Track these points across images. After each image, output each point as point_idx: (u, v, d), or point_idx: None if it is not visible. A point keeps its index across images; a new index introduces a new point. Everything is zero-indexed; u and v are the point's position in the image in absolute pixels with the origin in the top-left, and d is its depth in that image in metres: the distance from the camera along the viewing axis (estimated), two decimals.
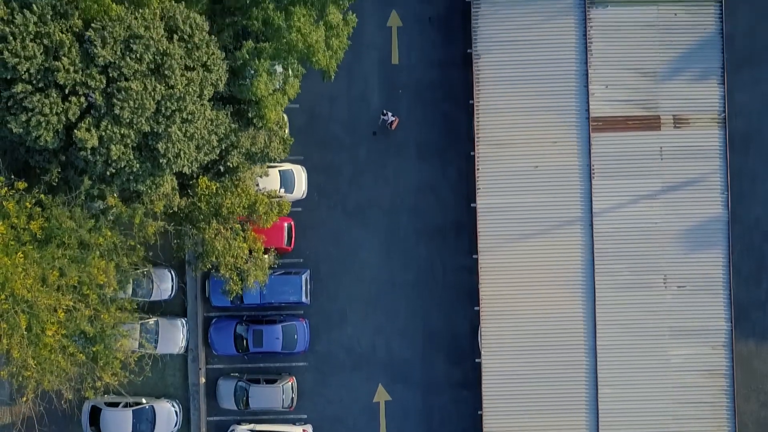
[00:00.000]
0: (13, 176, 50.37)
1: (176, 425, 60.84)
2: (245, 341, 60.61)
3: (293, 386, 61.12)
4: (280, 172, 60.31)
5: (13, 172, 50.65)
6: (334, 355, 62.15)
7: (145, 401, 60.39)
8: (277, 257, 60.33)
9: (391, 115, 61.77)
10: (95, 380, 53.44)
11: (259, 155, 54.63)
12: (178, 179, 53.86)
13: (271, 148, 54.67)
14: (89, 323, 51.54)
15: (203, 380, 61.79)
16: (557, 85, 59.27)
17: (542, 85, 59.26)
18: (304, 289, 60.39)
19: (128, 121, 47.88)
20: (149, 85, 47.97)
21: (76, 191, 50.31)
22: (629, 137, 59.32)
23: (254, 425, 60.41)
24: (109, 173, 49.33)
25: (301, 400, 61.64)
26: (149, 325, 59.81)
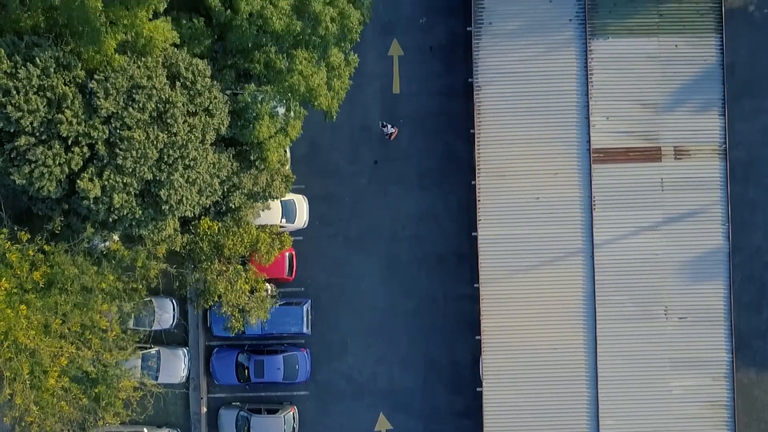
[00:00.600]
0: (15, 227, 50.31)
1: None
2: (247, 371, 60.64)
3: (294, 416, 61.16)
4: (281, 202, 60.09)
5: (15, 218, 50.60)
6: (335, 384, 62.15)
7: (146, 431, 60.40)
8: (277, 287, 60.30)
9: (390, 126, 61.60)
10: (97, 420, 53.52)
11: (261, 194, 54.54)
12: (179, 218, 53.70)
13: (273, 187, 54.63)
14: (91, 364, 51.59)
15: (205, 409, 61.82)
16: (558, 116, 59.11)
17: (543, 116, 59.09)
18: (305, 320, 60.42)
19: (131, 170, 47.77)
20: (152, 134, 47.80)
21: (78, 237, 50.25)
22: (630, 168, 59.21)
23: None
24: (111, 220, 49.24)
25: (302, 429, 61.67)
26: (151, 355, 59.83)
